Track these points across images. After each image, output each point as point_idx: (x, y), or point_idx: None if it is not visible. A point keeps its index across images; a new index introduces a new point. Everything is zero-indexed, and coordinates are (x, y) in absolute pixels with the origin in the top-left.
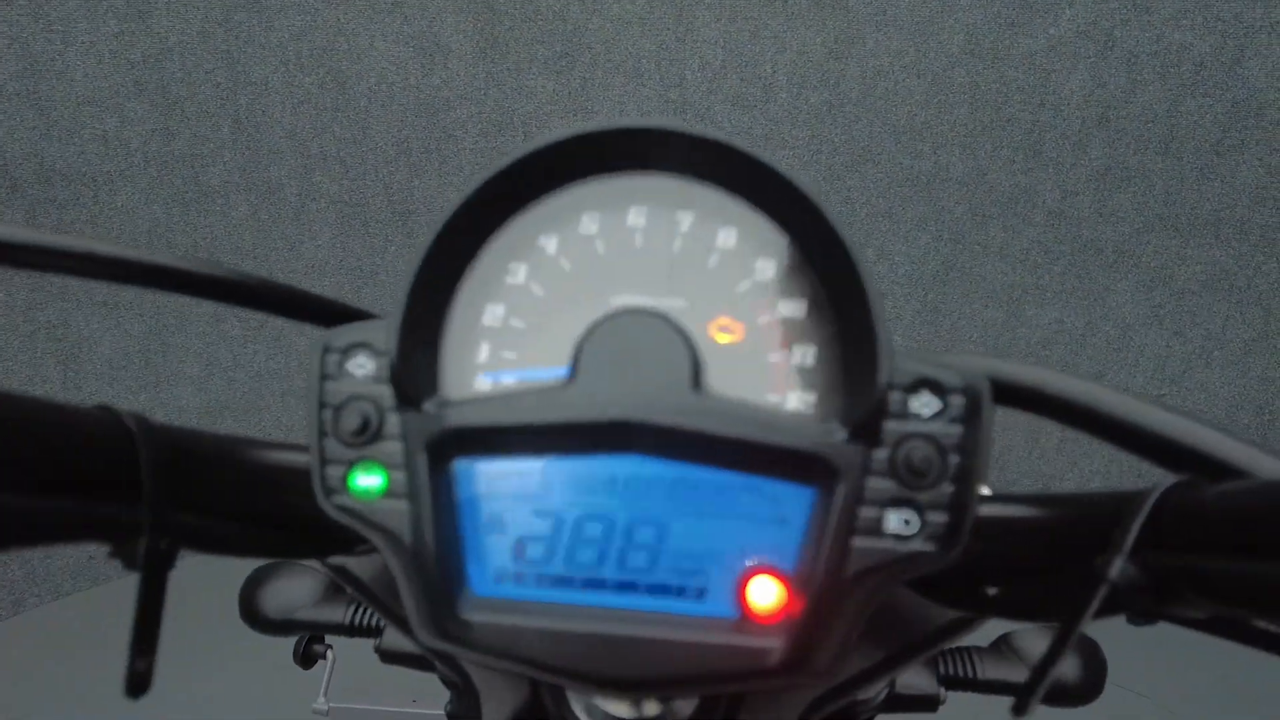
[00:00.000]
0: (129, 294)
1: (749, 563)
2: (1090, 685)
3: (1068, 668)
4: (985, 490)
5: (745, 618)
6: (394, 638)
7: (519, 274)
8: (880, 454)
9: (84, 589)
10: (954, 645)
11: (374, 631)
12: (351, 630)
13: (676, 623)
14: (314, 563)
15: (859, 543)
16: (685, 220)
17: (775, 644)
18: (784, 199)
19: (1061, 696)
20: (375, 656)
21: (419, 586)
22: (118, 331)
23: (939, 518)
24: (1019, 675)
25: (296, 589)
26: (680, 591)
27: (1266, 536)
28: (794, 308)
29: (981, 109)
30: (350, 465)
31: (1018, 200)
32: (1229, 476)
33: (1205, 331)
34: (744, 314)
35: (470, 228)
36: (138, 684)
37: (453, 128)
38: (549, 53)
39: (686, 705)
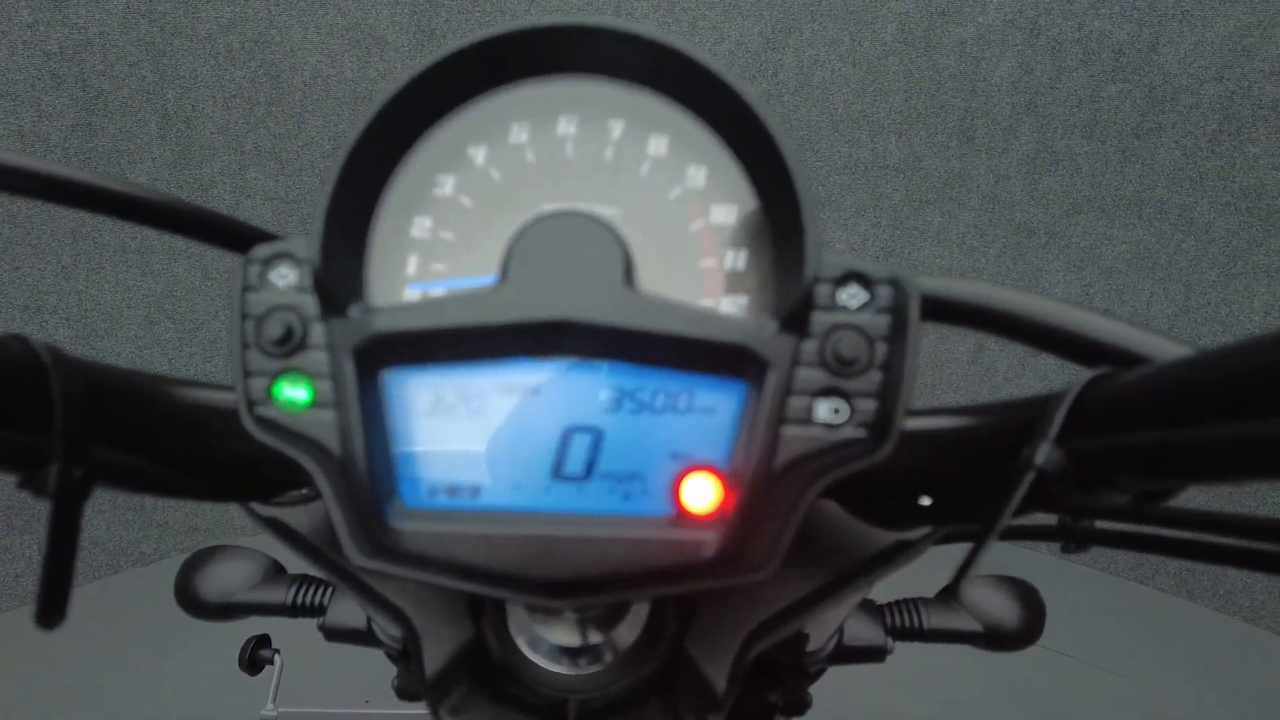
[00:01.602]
0: (53, 297)
1: (683, 461)
2: (1029, 629)
3: (1006, 612)
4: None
5: (681, 515)
6: (338, 613)
7: (447, 185)
8: (809, 345)
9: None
10: (893, 569)
11: (318, 610)
12: (295, 610)
13: (613, 523)
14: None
15: (789, 431)
16: (616, 128)
17: (711, 538)
18: (715, 99)
19: (1002, 640)
20: (322, 664)
21: (348, 502)
22: (41, 336)
23: (868, 405)
24: (964, 624)
25: (234, 571)
26: (616, 493)
27: (1175, 411)
28: (725, 213)
29: (915, 96)
30: (274, 377)
31: (953, 185)
32: (1139, 364)
33: (1132, 308)
34: (677, 218)
35: (394, 133)
36: (49, 613)
37: None
38: None
39: (630, 632)
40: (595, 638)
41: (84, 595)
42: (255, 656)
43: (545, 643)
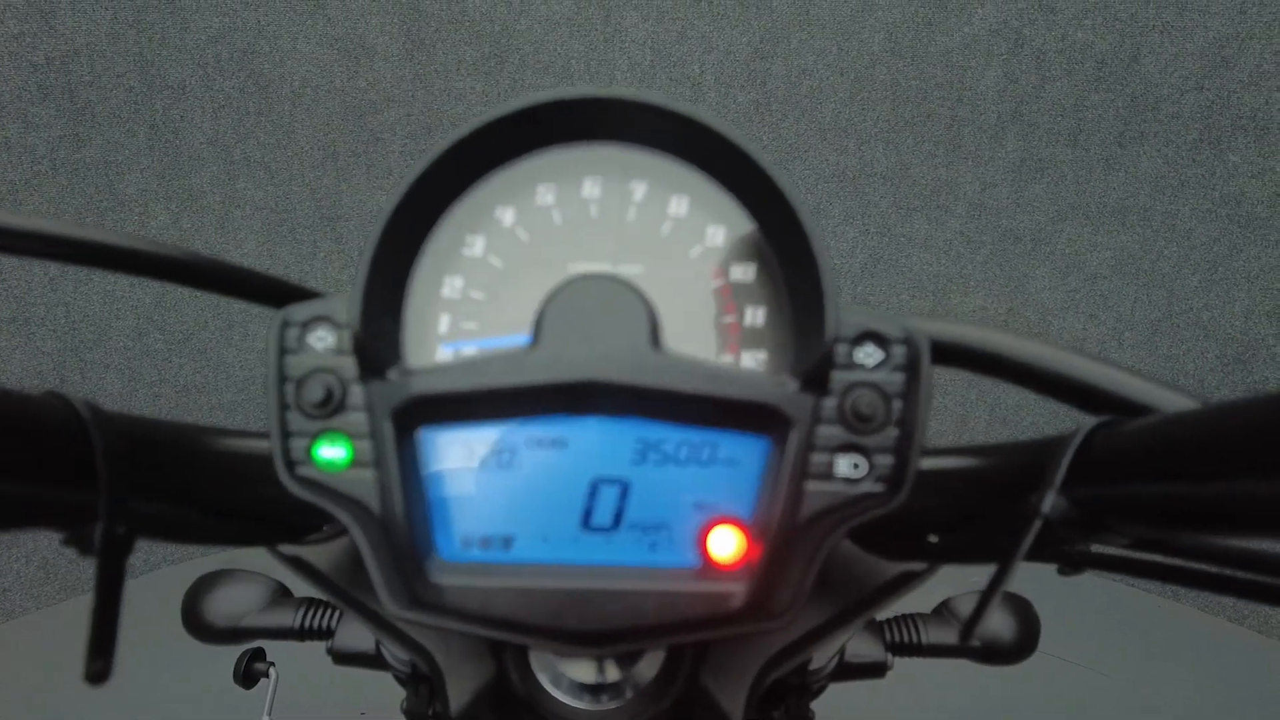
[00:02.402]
0: (40, 309)
1: (709, 514)
2: (1024, 643)
3: (1002, 627)
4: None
5: (708, 566)
6: (346, 637)
7: (476, 246)
8: (829, 403)
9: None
10: (899, 598)
11: (325, 634)
12: (302, 634)
13: (641, 575)
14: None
15: (811, 487)
16: (639, 190)
17: (737, 589)
18: (733, 165)
19: (998, 655)
20: (318, 677)
21: (387, 556)
22: (30, 349)
23: (885, 460)
24: (959, 639)
25: (242, 596)
26: (643, 544)
27: (1175, 462)
28: (744, 271)
29: (903, 105)
30: (314, 437)
31: (940, 193)
32: (1143, 414)
33: (1116, 314)
34: (699, 278)
35: (428, 200)
36: (98, 673)
37: (380, 130)
38: (477, 54)
39: (649, 668)
40: (615, 675)
41: (74, 609)
42: (250, 670)
43: (566, 679)
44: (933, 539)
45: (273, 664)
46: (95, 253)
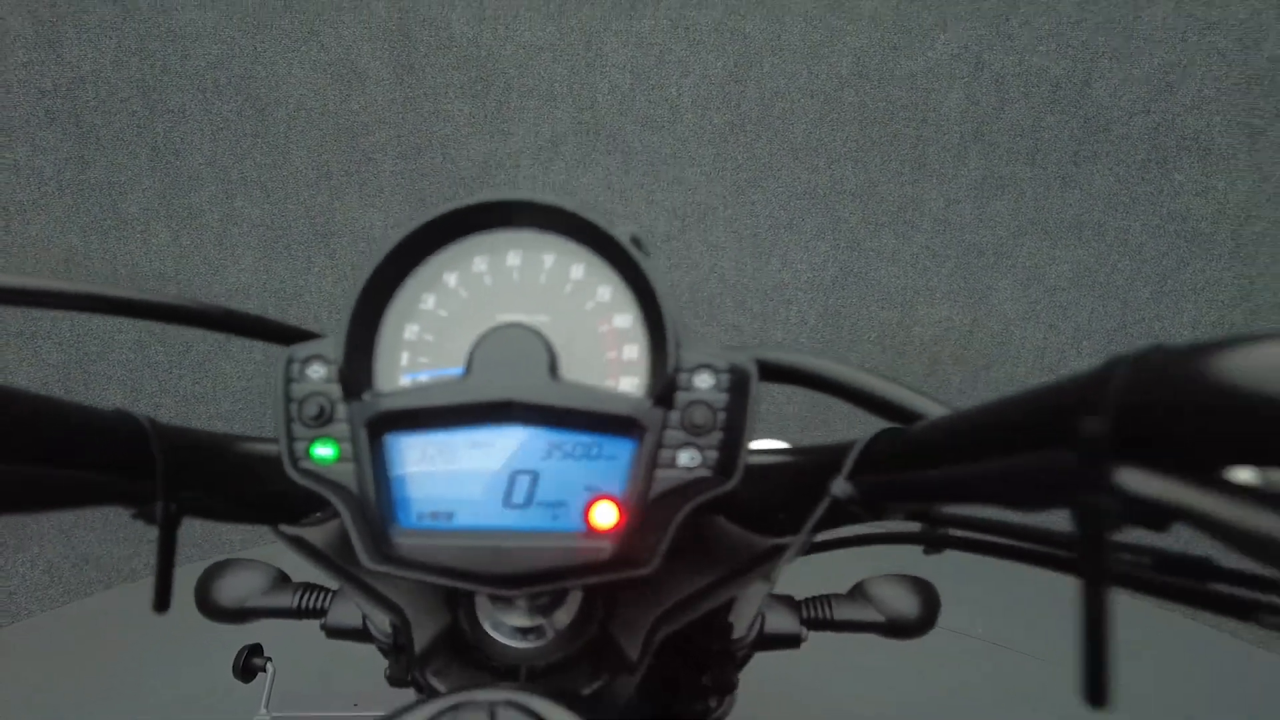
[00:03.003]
0: (45, 323)
1: (593, 493)
2: (925, 619)
3: (907, 606)
4: (781, 444)
5: (591, 530)
6: (338, 615)
7: (429, 301)
8: (674, 415)
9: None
10: (771, 568)
11: (319, 614)
12: (299, 614)
13: (545, 537)
14: (264, 561)
15: (660, 474)
16: (548, 260)
17: (611, 546)
18: (608, 246)
19: (901, 629)
20: (315, 674)
21: (363, 525)
22: (36, 361)
23: (713, 454)
24: (868, 616)
25: (246, 581)
26: (547, 515)
27: (927, 455)
28: (622, 319)
29: (870, 126)
30: (310, 441)
31: (906, 209)
32: (917, 419)
33: (1075, 324)
34: (592, 325)
35: (394, 270)
36: (161, 603)
37: (372, 151)
38: (464, 78)
39: (565, 616)
40: (540, 620)
41: (78, 610)
42: (248, 664)
43: (504, 625)
44: (781, 516)
45: (270, 659)
46: (153, 310)
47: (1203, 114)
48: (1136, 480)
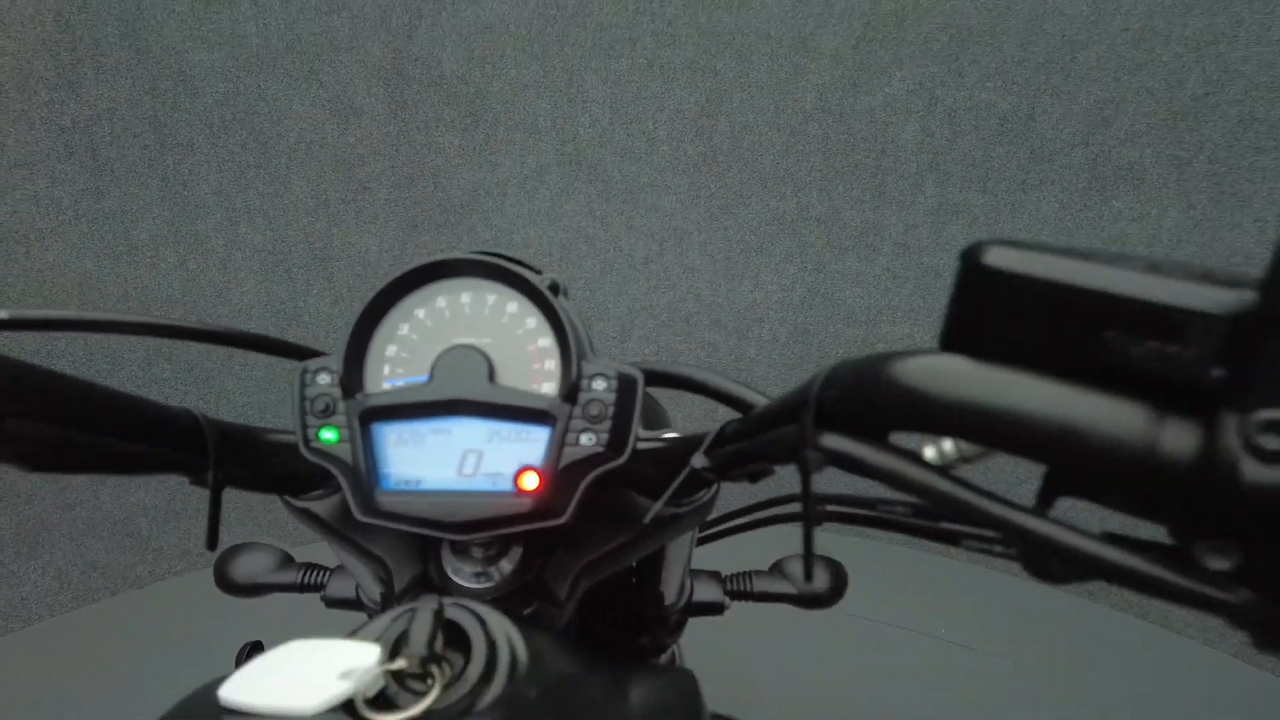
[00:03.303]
0: (61, 342)
1: (522, 465)
2: (834, 593)
3: (818, 582)
4: (672, 434)
5: (520, 492)
6: (335, 588)
7: (404, 329)
8: (577, 410)
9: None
10: (676, 532)
11: (319, 588)
12: (302, 588)
13: (486, 497)
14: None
15: (568, 451)
16: (491, 299)
17: (530, 502)
18: (535, 291)
19: (811, 601)
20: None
21: (355, 488)
22: None
23: (607, 437)
24: (783, 589)
25: (258, 561)
26: (488, 482)
27: (748, 434)
28: (544, 341)
29: (833, 156)
30: (318, 428)
31: (868, 234)
32: (751, 409)
33: None
34: (521, 346)
35: (379, 307)
36: (211, 544)
37: (368, 181)
38: (454, 113)
39: (509, 565)
40: (490, 568)
41: (85, 617)
42: (252, 657)
43: (463, 571)
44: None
45: None
46: (196, 334)
47: (1135, 146)
48: (832, 441)
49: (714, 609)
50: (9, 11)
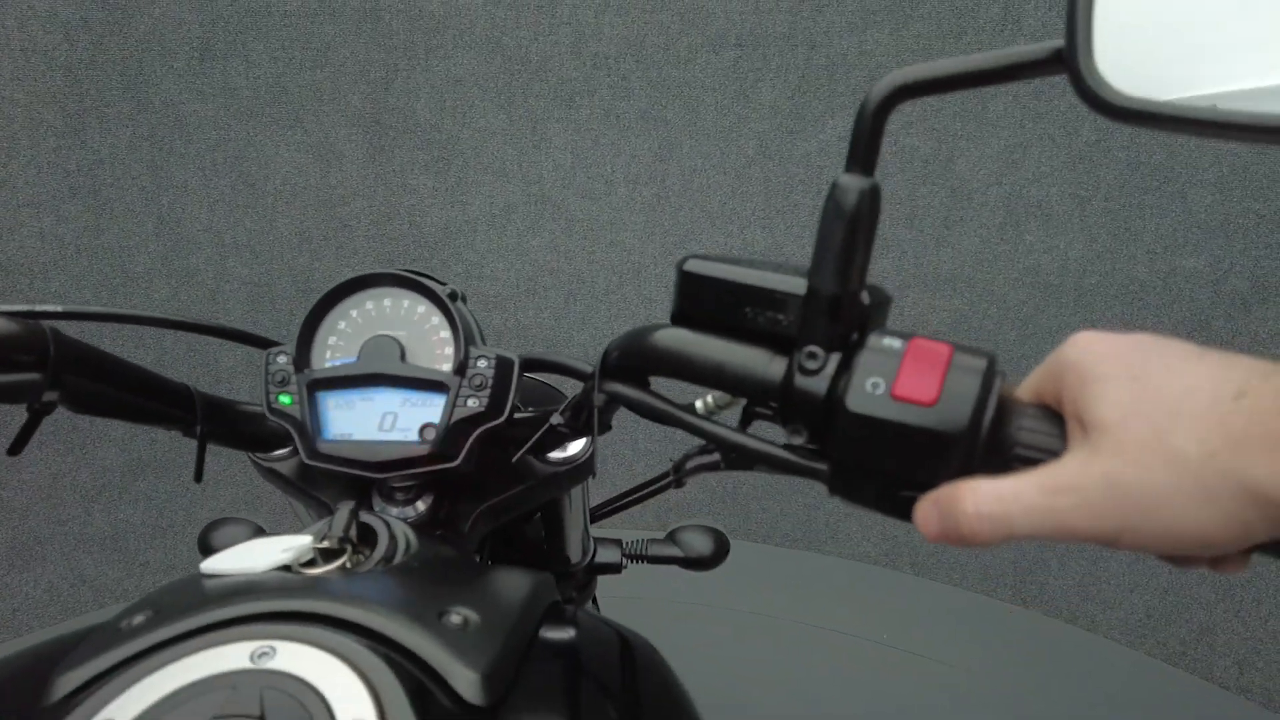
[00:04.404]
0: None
1: (426, 423)
2: (715, 557)
3: (703, 547)
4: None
5: (423, 441)
6: None
7: (342, 324)
8: (466, 381)
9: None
10: (561, 489)
11: None
12: None
13: (399, 445)
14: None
15: (458, 411)
16: (406, 302)
17: (430, 448)
18: (436, 298)
19: (696, 564)
20: None
21: (304, 439)
22: None
23: (487, 402)
24: (673, 553)
25: (235, 533)
26: (402, 434)
27: (586, 392)
28: (445, 333)
29: (774, 197)
30: (278, 394)
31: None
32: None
33: None
34: (427, 336)
35: (321, 308)
36: (198, 478)
37: (348, 219)
38: (428, 157)
39: (423, 505)
40: (409, 510)
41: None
42: None
43: (388, 511)
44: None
45: None
46: (191, 327)
47: (1043, 185)
48: (613, 388)
49: (613, 569)
50: (24, 68)
